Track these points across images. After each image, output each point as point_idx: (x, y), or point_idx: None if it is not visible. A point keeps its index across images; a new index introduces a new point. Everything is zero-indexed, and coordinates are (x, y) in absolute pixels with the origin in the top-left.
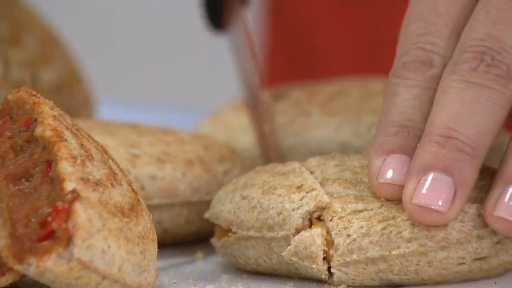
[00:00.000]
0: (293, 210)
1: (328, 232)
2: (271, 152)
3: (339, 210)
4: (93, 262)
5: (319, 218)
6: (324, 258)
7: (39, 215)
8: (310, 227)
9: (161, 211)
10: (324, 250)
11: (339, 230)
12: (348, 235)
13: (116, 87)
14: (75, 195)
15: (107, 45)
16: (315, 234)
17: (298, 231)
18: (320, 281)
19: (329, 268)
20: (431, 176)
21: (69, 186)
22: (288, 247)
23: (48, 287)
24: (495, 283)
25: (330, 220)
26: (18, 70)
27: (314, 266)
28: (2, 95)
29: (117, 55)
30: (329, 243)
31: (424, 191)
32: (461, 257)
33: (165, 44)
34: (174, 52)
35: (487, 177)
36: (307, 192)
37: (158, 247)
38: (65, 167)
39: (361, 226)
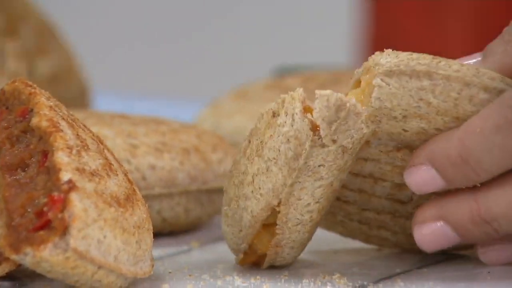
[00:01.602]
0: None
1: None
2: None
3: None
4: (89, 252)
5: None
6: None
7: (35, 205)
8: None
9: (161, 200)
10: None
11: (389, 54)
12: (397, 56)
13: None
14: (71, 185)
15: (104, 36)
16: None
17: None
18: (314, 268)
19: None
20: None
21: (65, 176)
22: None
23: (45, 276)
24: (489, 272)
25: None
26: (14, 62)
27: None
28: None
29: (113, 46)
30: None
31: None
32: None
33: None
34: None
35: None
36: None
37: (155, 236)
38: (61, 157)
39: (411, 55)
